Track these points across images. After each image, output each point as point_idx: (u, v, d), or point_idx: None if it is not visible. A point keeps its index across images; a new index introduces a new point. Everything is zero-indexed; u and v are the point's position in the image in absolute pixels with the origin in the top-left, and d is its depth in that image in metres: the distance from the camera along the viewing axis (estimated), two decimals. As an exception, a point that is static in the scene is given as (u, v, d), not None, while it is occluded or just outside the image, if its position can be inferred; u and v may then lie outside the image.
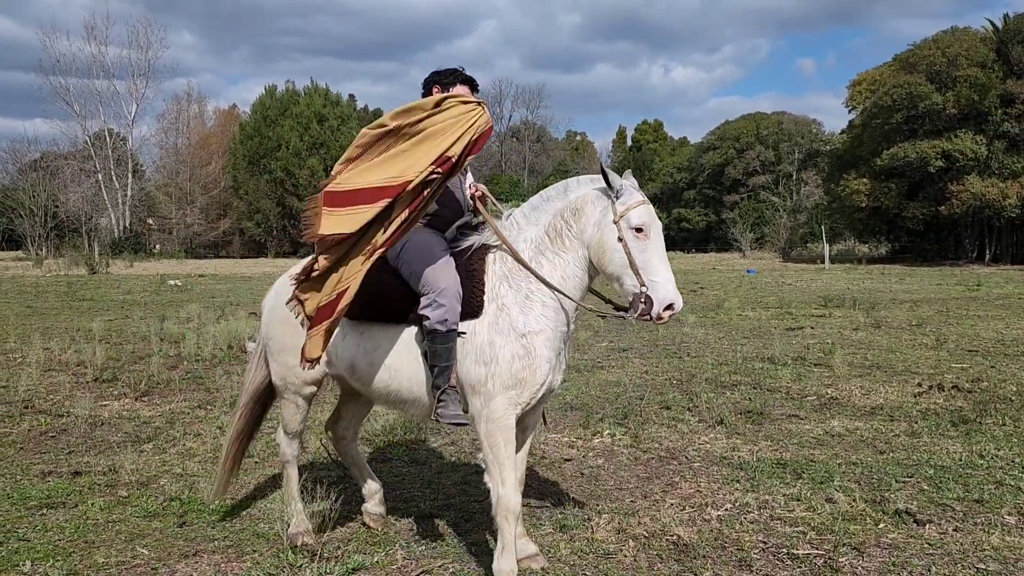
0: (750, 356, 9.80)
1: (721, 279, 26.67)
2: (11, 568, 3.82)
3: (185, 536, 4.25)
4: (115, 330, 12.70)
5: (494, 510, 3.54)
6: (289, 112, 57.69)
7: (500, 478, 3.48)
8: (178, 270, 35.15)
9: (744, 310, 15.48)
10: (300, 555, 3.92)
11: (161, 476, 5.25)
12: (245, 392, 4.45)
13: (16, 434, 6.32)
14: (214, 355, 9.94)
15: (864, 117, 44.50)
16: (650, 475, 5.25)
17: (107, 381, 8.41)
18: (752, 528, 4.26)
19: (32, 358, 9.37)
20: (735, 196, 60.34)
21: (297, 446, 4.29)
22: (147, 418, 6.88)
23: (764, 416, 6.70)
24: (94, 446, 6.02)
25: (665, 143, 79.51)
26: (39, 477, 5.25)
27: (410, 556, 3.97)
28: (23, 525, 4.38)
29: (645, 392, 7.63)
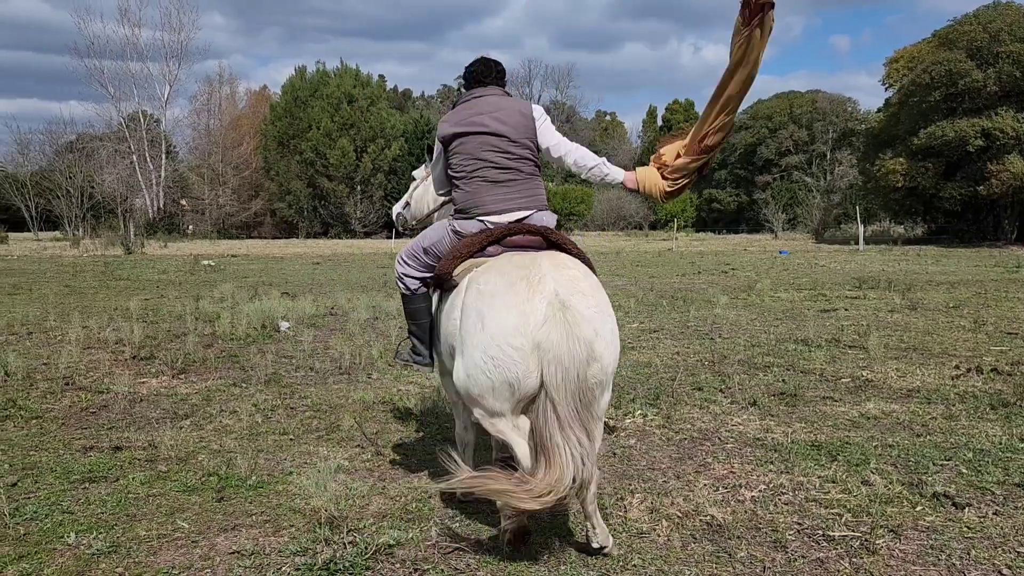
0: (783, 338, 9.71)
1: (752, 260, 26.41)
2: (56, 539, 3.91)
3: (223, 510, 4.32)
4: (151, 309, 12.91)
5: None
6: (319, 93, 57.89)
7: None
8: (211, 251, 35.58)
9: (776, 291, 15.32)
10: (336, 531, 3.97)
11: (199, 452, 5.34)
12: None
13: (58, 410, 6.47)
14: (248, 334, 10.07)
15: (901, 95, 43.62)
16: (683, 456, 5.24)
17: (145, 359, 8.56)
18: (787, 509, 4.24)
19: (72, 336, 9.57)
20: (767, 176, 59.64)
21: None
22: (184, 395, 7.00)
23: (798, 398, 6.65)
24: (134, 422, 6.14)
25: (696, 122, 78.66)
26: (81, 452, 5.37)
27: (444, 532, 4.01)
28: (67, 498, 4.48)
29: (677, 373, 7.60)
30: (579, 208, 55.53)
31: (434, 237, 4.26)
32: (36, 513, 4.23)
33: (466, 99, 4.21)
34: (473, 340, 3.45)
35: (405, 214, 5.19)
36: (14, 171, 62.53)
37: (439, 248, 4.19)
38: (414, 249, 4.28)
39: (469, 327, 3.50)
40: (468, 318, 3.52)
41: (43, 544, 3.86)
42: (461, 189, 4.12)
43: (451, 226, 4.18)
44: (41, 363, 8.24)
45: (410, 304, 4.31)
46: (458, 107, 4.21)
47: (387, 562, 3.67)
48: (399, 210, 5.24)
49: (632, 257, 28.64)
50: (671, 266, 23.60)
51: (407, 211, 5.17)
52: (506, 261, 3.70)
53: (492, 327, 3.37)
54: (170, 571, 3.60)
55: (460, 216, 4.14)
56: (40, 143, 63.68)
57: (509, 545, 3.69)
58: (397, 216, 5.25)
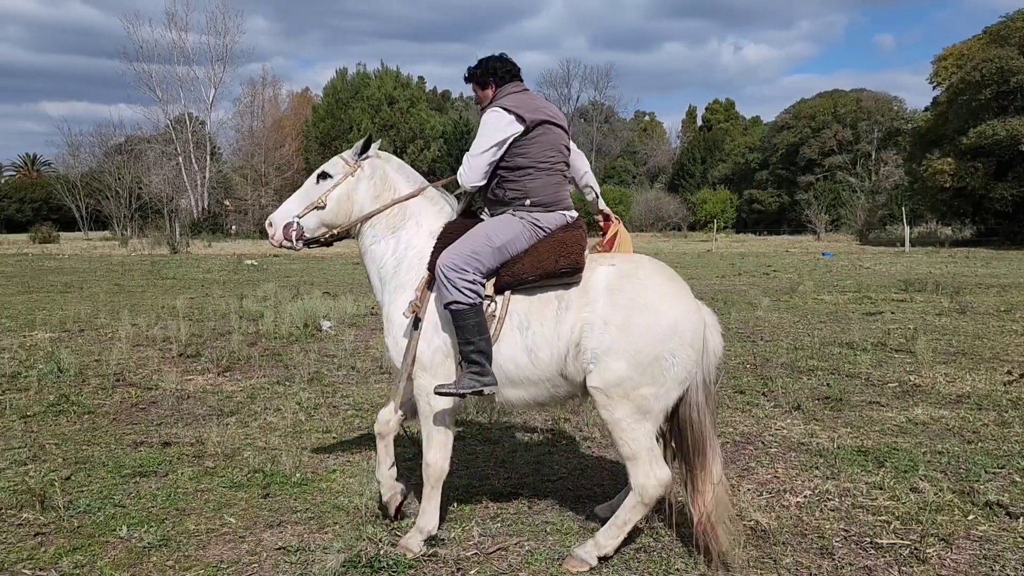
0: (827, 341, 9.56)
1: (795, 262, 26.04)
2: (109, 532, 4.01)
3: (269, 507, 4.39)
4: (197, 307, 13.15)
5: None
6: (360, 95, 58.45)
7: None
8: (253, 250, 36.11)
9: (820, 294, 15.09)
10: (379, 528, 4.01)
11: (245, 448, 5.43)
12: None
13: (109, 405, 6.62)
14: (291, 333, 10.21)
15: (950, 93, 42.59)
16: (725, 459, 5.16)
17: (191, 356, 8.73)
18: (833, 516, 4.18)
19: (121, 333, 9.80)
20: (810, 177, 58.68)
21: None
22: (229, 393, 7.12)
23: (843, 402, 6.54)
24: (181, 418, 6.27)
25: (737, 123, 77.76)
26: (131, 447, 5.49)
27: (486, 533, 4.03)
28: (118, 492, 4.59)
29: (719, 376, 7.51)
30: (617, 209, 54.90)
31: (507, 234, 3.79)
32: (89, 506, 4.34)
33: (518, 90, 4.01)
34: (650, 335, 3.53)
35: (305, 224, 4.01)
36: (65, 172, 64.17)
37: (515, 247, 3.79)
38: (477, 252, 3.70)
39: (641, 322, 3.53)
40: (641, 314, 3.54)
41: (96, 537, 3.97)
42: (538, 180, 3.89)
43: (528, 219, 3.85)
44: (93, 360, 8.44)
45: (473, 317, 3.63)
46: (516, 95, 3.96)
47: (430, 561, 3.70)
48: (292, 218, 4.00)
49: (671, 258, 28.42)
50: (711, 267, 23.38)
51: (310, 218, 4.01)
52: (633, 257, 3.90)
53: (671, 321, 3.56)
54: (219, 565, 3.67)
55: (539, 208, 3.88)
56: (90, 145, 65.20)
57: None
58: (288, 227, 3.98)
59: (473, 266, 3.67)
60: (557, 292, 3.72)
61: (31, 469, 4.97)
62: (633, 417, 3.56)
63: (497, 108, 3.89)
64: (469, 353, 3.65)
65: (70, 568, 3.63)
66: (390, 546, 3.82)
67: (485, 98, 4.07)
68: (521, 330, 3.72)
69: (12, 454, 5.26)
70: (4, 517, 4.20)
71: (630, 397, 3.54)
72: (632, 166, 77.68)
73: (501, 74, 4.04)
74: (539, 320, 3.70)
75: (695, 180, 68.60)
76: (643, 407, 3.56)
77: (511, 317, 3.74)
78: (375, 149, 4.16)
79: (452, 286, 3.62)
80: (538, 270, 3.71)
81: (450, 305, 3.64)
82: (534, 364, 3.69)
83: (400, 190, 4.10)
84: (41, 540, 3.93)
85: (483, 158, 3.86)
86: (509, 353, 3.72)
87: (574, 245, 3.74)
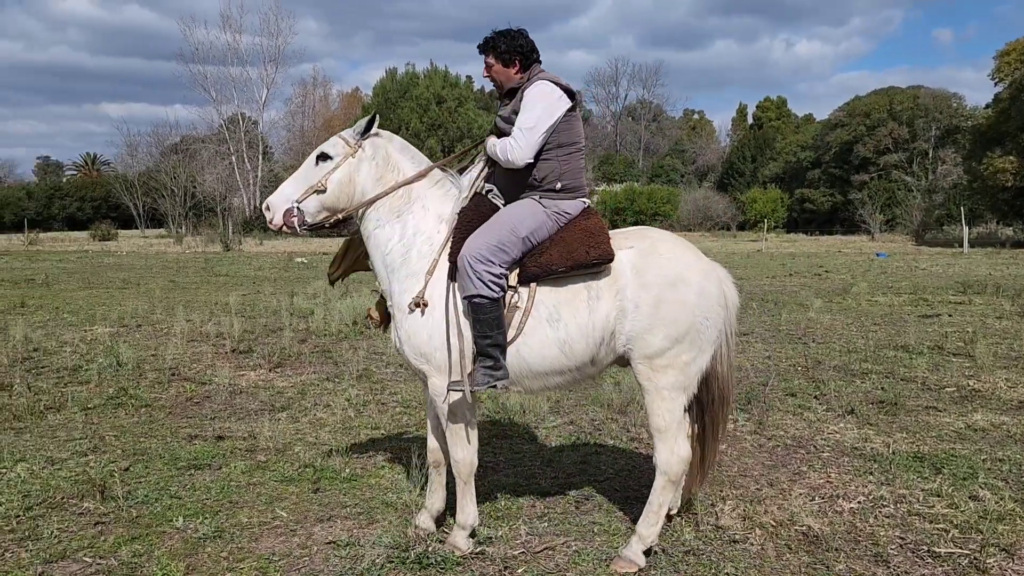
0: (882, 343, 9.34)
1: (848, 263, 25.48)
2: (165, 523, 4.12)
3: (320, 501, 4.46)
4: (249, 304, 13.40)
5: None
6: (409, 94, 58.89)
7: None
8: (303, 248, 36.64)
9: (874, 295, 14.75)
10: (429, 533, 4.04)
11: (295, 443, 5.52)
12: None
13: (165, 399, 6.79)
14: (340, 330, 10.34)
15: (1012, 90, 41.19)
16: (776, 463, 5.11)
17: (244, 352, 8.90)
18: (888, 523, 4.08)
19: (177, 329, 10.04)
20: (864, 176, 57.31)
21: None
22: (281, 388, 7.24)
23: (899, 407, 6.38)
24: (234, 413, 6.39)
25: (789, 120, 76.33)
26: (187, 440, 5.62)
27: (533, 532, 4.03)
28: (174, 484, 4.71)
29: (769, 378, 7.42)
30: (664, 208, 54.71)
31: (533, 222, 3.68)
32: (147, 497, 4.46)
33: (545, 72, 3.86)
34: (684, 306, 3.61)
35: (305, 209, 3.78)
36: (124, 171, 65.97)
37: (539, 235, 3.69)
38: (504, 243, 3.59)
39: (673, 296, 3.59)
40: (671, 289, 3.60)
41: (153, 527, 4.07)
42: (570, 163, 3.79)
43: (552, 208, 3.75)
44: (150, 354, 8.66)
45: (494, 311, 3.54)
46: (550, 74, 3.84)
47: (478, 559, 3.72)
48: (291, 203, 3.78)
49: (719, 258, 27.90)
50: (761, 267, 23.01)
51: (310, 202, 3.79)
52: (643, 233, 3.88)
53: (698, 288, 3.66)
54: (271, 558, 3.74)
55: (566, 193, 3.79)
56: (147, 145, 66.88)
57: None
58: (288, 213, 3.76)
59: (500, 258, 3.57)
60: (586, 282, 3.65)
61: (91, 460, 5.12)
62: (674, 387, 3.65)
63: (547, 81, 3.75)
64: (485, 347, 3.56)
65: (129, 557, 3.73)
66: (438, 543, 3.85)
67: (502, 75, 3.86)
68: (551, 323, 3.63)
69: (74, 445, 5.43)
70: (66, 506, 4.34)
71: (674, 365, 3.63)
72: (680, 165, 76.81)
73: (527, 53, 3.84)
74: (571, 312, 3.62)
75: (745, 179, 67.57)
76: (685, 373, 3.66)
77: (538, 309, 3.65)
78: (377, 128, 3.89)
79: (478, 279, 3.51)
80: (569, 261, 3.61)
81: (472, 298, 3.53)
82: (567, 356, 3.65)
83: (404, 172, 3.87)
84: (101, 529, 4.05)
85: (538, 133, 3.67)
86: (537, 346, 3.64)
87: (600, 233, 3.67)
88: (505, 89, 3.93)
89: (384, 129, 3.96)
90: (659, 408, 3.65)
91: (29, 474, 4.82)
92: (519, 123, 3.70)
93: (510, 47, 3.81)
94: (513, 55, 3.83)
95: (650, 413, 3.70)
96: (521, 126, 3.68)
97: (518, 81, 3.86)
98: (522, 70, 3.88)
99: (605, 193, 56.72)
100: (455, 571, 3.58)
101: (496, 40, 3.83)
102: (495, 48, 3.83)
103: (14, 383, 7.14)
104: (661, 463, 3.69)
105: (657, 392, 3.64)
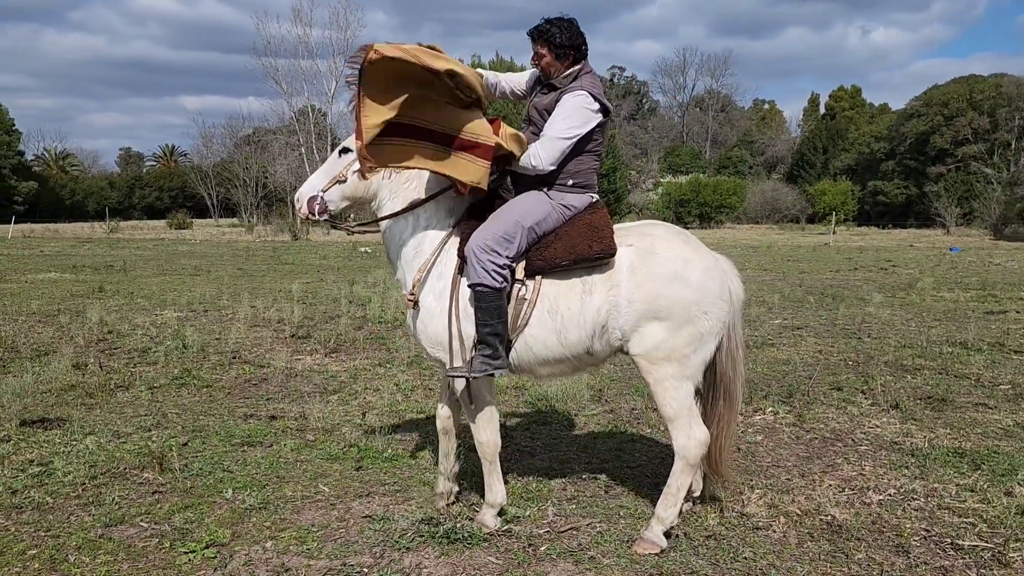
0: (939, 339, 9.15)
1: (917, 257, 24.75)
2: (216, 494, 4.40)
3: (360, 479, 4.69)
4: (311, 292, 13.84)
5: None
6: (474, 86, 59.39)
7: None
8: (368, 239, 37.40)
9: (939, 290, 14.35)
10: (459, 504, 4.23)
11: (343, 425, 5.77)
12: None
13: (225, 380, 7.15)
14: (395, 318, 10.62)
15: (1102, 77, 39.22)
16: (811, 455, 5.13)
17: (302, 338, 9.25)
18: (915, 515, 4.09)
19: (240, 315, 10.48)
20: (940, 167, 55.34)
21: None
22: (334, 373, 7.53)
23: (947, 403, 6.29)
24: (288, 394, 6.70)
25: (863, 110, 74.06)
26: (242, 419, 5.94)
27: (560, 513, 4.17)
28: (227, 458, 5.00)
29: (815, 371, 7.37)
30: (731, 200, 53.78)
31: (539, 213, 3.80)
32: (201, 470, 4.76)
33: (589, 71, 3.92)
34: (680, 301, 3.67)
35: (328, 198, 4.00)
36: (199, 162, 68.32)
37: (544, 227, 3.81)
38: (510, 234, 3.71)
39: (669, 293, 3.65)
40: (667, 286, 3.65)
41: (205, 497, 4.36)
42: (585, 164, 3.91)
43: (558, 201, 3.86)
44: (214, 338, 9.09)
45: (495, 300, 3.67)
46: (594, 79, 3.91)
47: (504, 536, 3.88)
48: (316, 192, 4.00)
49: (784, 252, 27.58)
50: (825, 261, 22.55)
51: (333, 192, 4.00)
52: (645, 231, 3.90)
53: (696, 283, 3.71)
54: (310, 528, 3.97)
55: (576, 189, 3.90)
56: (221, 137, 69.02)
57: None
58: (312, 200, 3.98)
59: (505, 248, 3.69)
60: (581, 276, 3.77)
61: (154, 435, 5.46)
62: (676, 377, 3.71)
63: (585, 92, 3.78)
64: (485, 335, 3.70)
65: (182, 523, 4.01)
66: (468, 520, 4.03)
67: (552, 67, 3.87)
68: (551, 314, 3.77)
69: (139, 420, 5.80)
70: (128, 476, 4.67)
71: (672, 358, 3.69)
72: (748, 156, 75.38)
73: (580, 47, 3.85)
74: (566, 303, 3.76)
75: (815, 171, 65.94)
76: (684, 365, 3.71)
77: (542, 300, 3.78)
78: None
79: (482, 268, 3.64)
80: (572, 255, 3.73)
81: (475, 286, 3.68)
82: (563, 345, 3.78)
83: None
84: (158, 498, 4.35)
85: (566, 144, 3.76)
86: (541, 336, 3.78)
87: (604, 228, 3.77)
88: (551, 80, 3.93)
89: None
90: (666, 398, 3.74)
91: (97, 446, 5.18)
92: (550, 130, 3.78)
93: (566, 41, 3.80)
94: (568, 50, 3.83)
95: (659, 404, 3.80)
96: (551, 134, 3.77)
97: (565, 75, 3.88)
98: (573, 64, 3.89)
99: (670, 185, 56.05)
100: (481, 546, 3.76)
101: (551, 30, 3.81)
102: (550, 40, 3.82)
103: (88, 362, 7.61)
104: (679, 448, 3.79)
105: (659, 383, 3.73)
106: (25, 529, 3.93)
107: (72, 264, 19.85)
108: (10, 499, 4.28)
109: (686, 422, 3.76)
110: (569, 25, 3.83)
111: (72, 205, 70.67)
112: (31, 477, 4.60)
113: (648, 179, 61.95)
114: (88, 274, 17.23)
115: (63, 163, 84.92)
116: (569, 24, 3.84)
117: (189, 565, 3.58)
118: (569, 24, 3.84)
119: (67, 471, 4.68)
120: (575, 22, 3.87)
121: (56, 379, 6.88)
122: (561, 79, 3.88)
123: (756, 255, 25.21)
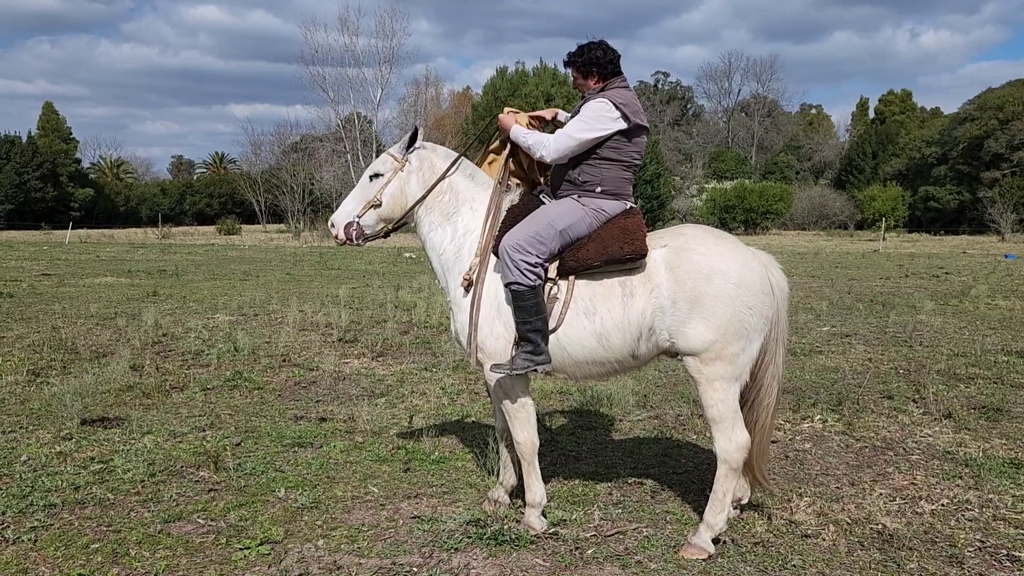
0: (994, 348, 8.94)
1: (971, 264, 24.15)
2: (269, 493, 4.51)
3: (409, 480, 4.76)
4: (357, 296, 14.04)
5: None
6: (519, 92, 59.45)
7: None
8: (413, 243, 37.69)
9: (994, 298, 14.00)
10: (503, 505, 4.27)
11: (391, 427, 5.86)
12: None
13: (276, 383, 7.31)
14: (440, 323, 10.73)
15: None
16: (861, 464, 5.06)
17: (349, 342, 9.40)
18: (969, 526, 4.02)
19: (290, 319, 10.69)
20: (995, 172, 53.84)
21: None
22: (381, 376, 7.64)
23: (1002, 413, 6.16)
24: (337, 397, 6.82)
25: (913, 115, 72.49)
26: (293, 420, 6.07)
27: (606, 517, 4.19)
28: (279, 459, 5.12)
29: (865, 379, 7.26)
30: (777, 206, 53.09)
31: (570, 218, 3.93)
32: (255, 469, 4.88)
33: (624, 85, 4.08)
34: (723, 299, 3.69)
35: (364, 223, 4.17)
36: (248, 169, 69.63)
37: (576, 231, 3.93)
38: (541, 235, 3.84)
39: (711, 291, 3.68)
40: (707, 283, 3.68)
41: (259, 496, 4.47)
42: (614, 173, 4.00)
43: (592, 206, 3.96)
44: (264, 341, 9.28)
45: (531, 298, 3.79)
46: (624, 91, 4.04)
47: (550, 539, 3.91)
48: (352, 218, 4.16)
49: (832, 258, 27.14)
50: (874, 268, 22.13)
51: (369, 216, 4.18)
52: (679, 232, 3.99)
53: (736, 279, 3.71)
54: (360, 528, 4.05)
55: (608, 196, 4.00)
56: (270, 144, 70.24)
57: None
58: (348, 227, 4.15)
59: (537, 249, 3.82)
60: (620, 278, 3.83)
61: (208, 435, 5.61)
62: (726, 378, 3.73)
63: (606, 100, 3.95)
64: (526, 332, 3.82)
65: (236, 520, 4.12)
66: (515, 522, 4.07)
67: (584, 86, 4.12)
68: (588, 316, 3.84)
69: (193, 421, 5.96)
70: (185, 474, 4.81)
71: (722, 357, 3.70)
72: (796, 161, 74.33)
73: (604, 64, 4.06)
74: (606, 307, 3.82)
75: (864, 176, 64.68)
76: (734, 364, 3.72)
77: (576, 302, 3.87)
78: (421, 140, 4.24)
79: (515, 267, 3.78)
80: (603, 255, 3.82)
81: (510, 285, 3.81)
82: (605, 348, 3.83)
83: (450, 179, 4.22)
84: (213, 495, 4.48)
85: (577, 143, 3.94)
86: (576, 337, 3.86)
87: (636, 231, 3.85)
88: (584, 96, 4.14)
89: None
90: (712, 399, 3.75)
91: (154, 445, 5.34)
92: (565, 127, 4.02)
93: (587, 60, 4.07)
94: (590, 67, 4.07)
95: (704, 405, 3.81)
96: (564, 131, 4.01)
97: (594, 89, 4.09)
98: (600, 80, 4.10)
99: (715, 191, 55.55)
100: (528, 548, 3.79)
101: (573, 54, 4.13)
102: (573, 62, 4.12)
103: (145, 364, 7.84)
104: (721, 451, 3.79)
105: (708, 384, 3.74)
106: (88, 524, 4.08)
107: (127, 269, 20.41)
108: (73, 495, 4.44)
109: (730, 425, 3.77)
110: (589, 47, 4.09)
111: (126, 211, 72.66)
112: (93, 474, 4.76)
113: (692, 184, 61.48)
114: (142, 278, 17.70)
115: (118, 170, 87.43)
116: (589, 46, 4.09)
117: (244, 561, 3.68)
118: (589, 46, 4.09)
119: (127, 468, 4.84)
120: (594, 44, 4.10)
121: (115, 380, 7.10)
122: (590, 94, 4.11)
123: (803, 261, 24.85)
